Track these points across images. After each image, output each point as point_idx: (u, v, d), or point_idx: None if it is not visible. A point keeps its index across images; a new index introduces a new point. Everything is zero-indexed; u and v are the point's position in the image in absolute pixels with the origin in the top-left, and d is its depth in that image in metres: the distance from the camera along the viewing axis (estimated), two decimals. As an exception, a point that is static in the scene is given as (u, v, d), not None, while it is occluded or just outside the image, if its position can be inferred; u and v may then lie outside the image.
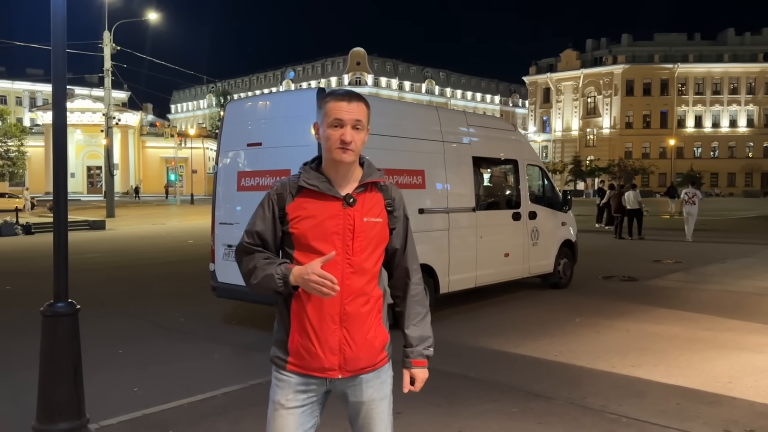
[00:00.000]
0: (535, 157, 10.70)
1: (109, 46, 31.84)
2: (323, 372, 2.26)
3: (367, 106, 2.30)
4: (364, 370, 2.31)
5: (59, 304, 3.92)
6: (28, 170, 59.99)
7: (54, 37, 3.96)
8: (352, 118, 2.23)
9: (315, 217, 2.24)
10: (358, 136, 2.25)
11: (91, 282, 11.18)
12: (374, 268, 2.32)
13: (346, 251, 2.23)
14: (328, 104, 2.26)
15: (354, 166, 2.32)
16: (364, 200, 2.29)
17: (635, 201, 19.85)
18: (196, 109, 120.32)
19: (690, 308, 8.72)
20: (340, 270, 2.22)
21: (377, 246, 2.32)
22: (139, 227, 26.19)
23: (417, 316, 2.43)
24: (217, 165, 7.92)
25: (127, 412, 4.79)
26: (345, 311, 2.24)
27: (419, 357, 2.41)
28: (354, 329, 2.25)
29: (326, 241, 2.22)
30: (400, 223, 2.40)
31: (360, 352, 2.27)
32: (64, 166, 4.09)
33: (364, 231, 2.26)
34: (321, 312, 2.22)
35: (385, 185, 2.39)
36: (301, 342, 2.26)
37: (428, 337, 2.44)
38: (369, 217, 2.29)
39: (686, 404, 4.93)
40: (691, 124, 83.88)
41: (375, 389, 2.35)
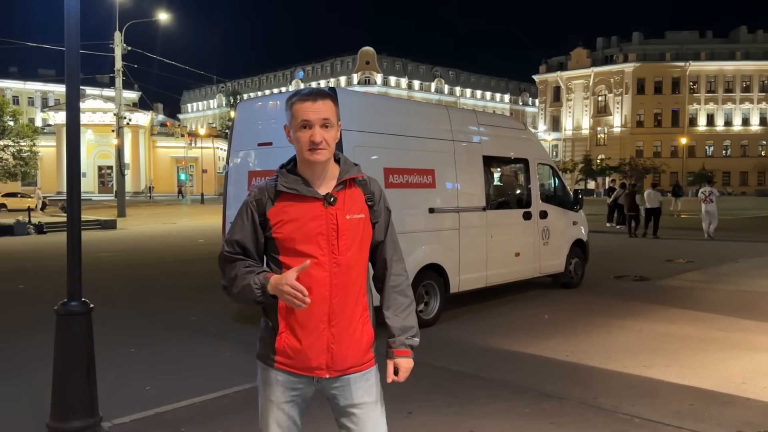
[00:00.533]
0: (546, 156, 10.65)
1: (120, 46, 32.03)
2: (311, 371, 2.28)
3: (335, 102, 2.28)
4: (350, 369, 2.31)
5: (73, 302, 3.94)
6: (40, 170, 60.50)
7: (68, 37, 3.98)
8: (318, 117, 2.21)
9: (297, 219, 2.23)
10: (328, 134, 2.23)
11: (102, 281, 11.24)
12: (361, 265, 2.32)
13: (332, 251, 2.23)
14: (294, 106, 2.24)
15: (329, 164, 2.29)
16: (344, 198, 2.29)
17: (656, 200, 19.95)
18: (206, 109, 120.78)
19: (703, 308, 8.65)
20: (327, 270, 2.22)
21: (362, 242, 2.32)
22: (150, 227, 26.33)
23: (399, 307, 2.41)
24: (228, 165, 7.95)
25: (139, 411, 4.81)
26: (333, 310, 2.24)
27: (402, 347, 2.38)
28: (342, 328, 2.26)
29: (311, 242, 2.21)
30: (382, 216, 2.40)
31: (348, 350, 2.28)
32: (78, 166, 4.12)
33: (348, 229, 2.26)
34: (310, 312, 2.20)
35: (364, 180, 2.38)
36: (288, 341, 2.26)
37: (411, 327, 2.41)
38: (351, 214, 2.28)
39: (699, 405, 4.89)
40: (703, 122, 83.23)
41: (365, 391, 2.34)
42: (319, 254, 2.22)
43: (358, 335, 2.30)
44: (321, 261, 2.22)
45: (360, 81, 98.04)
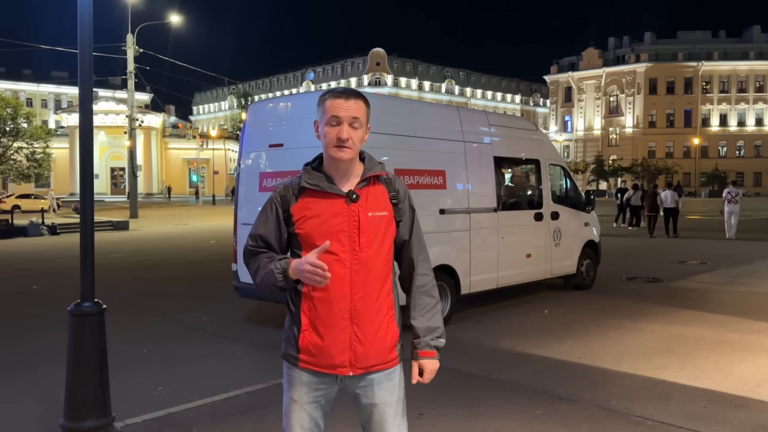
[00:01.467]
0: (557, 156, 10.61)
1: (132, 48, 32.27)
2: (334, 369, 2.28)
3: (366, 104, 2.30)
4: (374, 367, 2.31)
5: (86, 303, 3.97)
6: (54, 171, 61.00)
7: (81, 40, 4.01)
8: (349, 115, 2.23)
9: (320, 216, 2.25)
10: (356, 134, 2.25)
11: (115, 282, 11.32)
12: (383, 263, 2.31)
13: (353, 247, 2.24)
14: (326, 102, 2.27)
15: (354, 162, 2.31)
16: (367, 195, 2.30)
17: (673, 200, 20.53)
18: (217, 110, 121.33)
19: (716, 310, 8.58)
20: (348, 267, 2.24)
21: (384, 240, 2.31)
22: (162, 228, 26.49)
23: (424, 307, 2.40)
24: (239, 166, 7.98)
25: (151, 411, 4.84)
26: (355, 308, 2.25)
27: (427, 348, 2.38)
28: (364, 325, 2.26)
29: (332, 238, 2.22)
30: (407, 215, 2.40)
31: (370, 348, 2.28)
32: (91, 168, 4.15)
33: (370, 226, 2.27)
34: (331, 309, 2.23)
35: (388, 177, 2.38)
36: (311, 340, 2.27)
37: (436, 328, 2.41)
38: (374, 211, 2.29)
39: (713, 407, 4.85)
40: (716, 122, 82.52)
41: (387, 391, 2.34)
42: (340, 251, 2.23)
43: (382, 333, 2.30)
44: (342, 258, 2.23)
45: (370, 82, 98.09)
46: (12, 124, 32.79)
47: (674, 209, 20.61)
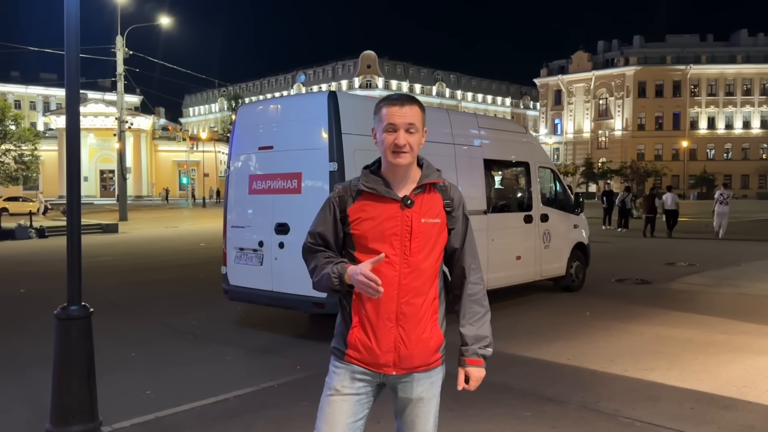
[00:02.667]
0: (547, 159, 10.65)
1: (121, 50, 32.09)
2: (378, 368, 2.35)
3: (421, 108, 2.37)
4: (417, 368, 2.38)
5: (73, 307, 3.95)
6: (42, 174, 60.55)
7: (67, 41, 3.99)
8: (404, 122, 2.31)
9: (374, 218, 2.33)
10: (412, 138, 2.32)
11: (104, 285, 11.25)
12: (432, 269, 2.37)
13: (404, 252, 2.31)
14: (382, 110, 2.35)
15: (411, 167, 2.38)
16: (422, 201, 2.36)
17: (673, 202, 21.48)
18: (207, 112, 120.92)
19: (704, 311, 8.64)
20: (397, 270, 2.30)
21: (434, 246, 2.37)
22: (151, 231, 26.35)
23: (474, 315, 2.47)
24: (229, 168, 7.95)
25: (140, 415, 4.80)
26: (401, 310, 2.31)
27: (474, 356, 2.45)
28: (410, 328, 2.33)
29: (385, 242, 2.30)
30: (459, 223, 2.45)
31: (414, 350, 2.34)
32: (78, 171, 4.12)
33: (422, 232, 2.33)
34: (378, 310, 2.31)
35: (444, 186, 2.44)
36: (359, 337, 2.35)
37: (485, 337, 2.48)
38: (427, 218, 2.35)
39: (701, 408, 4.88)
40: (704, 125, 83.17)
41: (425, 388, 2.41)
42: (391, 254, 2.30)
43: (426, 337, 2.36)
44: (392, 260, 2.30)
45: (361, 85, 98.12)
46: (0, 127, 32.53)
47: (674, 211, 21.48)
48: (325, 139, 6.76)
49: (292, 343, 7.32)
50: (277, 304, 7.53)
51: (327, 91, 7.32)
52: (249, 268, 7.41)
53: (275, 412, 4.92)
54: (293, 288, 6.94)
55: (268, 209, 7.24)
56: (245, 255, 7.46)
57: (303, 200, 6.91)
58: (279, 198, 7.16)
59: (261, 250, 7.27)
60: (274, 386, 5.56)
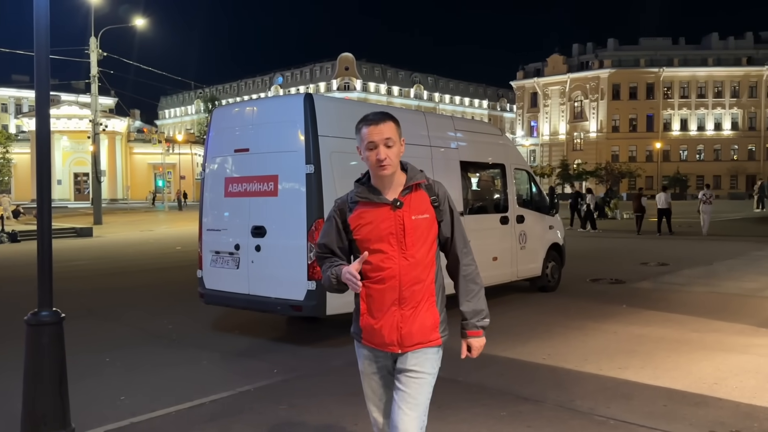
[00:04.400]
0: (523, 161, 10.75)
1: (95, 52, 31.66)
2: (385, 347, 2.71)
3: (395, 123, 2.70)
4: (417, 345, 2.71)
5: (43, 312, 3.89)
6: (15, 177, 59.43)
7: (37, 42, 3.93)
8: (382, 138, 2.64)
9: (372, 222, 2.68)
10: (391, 151, 2.65)
11: (78, 289, 11.08)
12: (427, 258, 2.71)
13: (401, 247, 2.66)
14: (362, 130, 2.68)
15: (396, 173, 2.71)
16: (410, 201, 2.70)
17: (666, 201, 22.44)
18: (184, 114, 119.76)
19: (676, 310, 8.78)
20: (397, 263, 2.66)
21: (427, 238, 2.71)
22: (126, 234, 26.02)
23: (470, 293, 2.84)
24: (204, 171, 7.89)
25: (113, 421, 4.75)
26: (403, 296, 2.67)
27: (473, 328, 2.83)
28: (409, 310, 2.68)
29: (383, 241, 2.66)
30: (447, 215, 2.79)
31: (413, 328, 2.68)
32: (48, 173, 4.06)
33: (414, 228, 2.68)
34: (383, 298, 2.67)
35: (429, 184, 2.77)
36: (367, 321, 2.72)
37: (482, 310, 2.86)
38: (417, 215, 2.69)
39: (673, 405, 4.96)
40: (677, 127, 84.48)
41: (419, 361, 2.71)
42: (390, 250, 2.66)
43: (422, 316, 2.70)
44: (392, 255, 2.66)
45: (339, 87, 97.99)
46: (-30, 129, 31.91)
47: (667, 210, 22.41)
48: (302, 142, 6.75)
49: (269, 346, 7.28)
50: (254, 308, 7.49)
51: (303, 93, 7.30)
52: (225, 271, 7.36)
53: (252, 416, 4.89)
54: (270, 291, 6.91)
55: (245, 212, 7.20)
56: (221, 258, 7.41)
57: (279, 203, 6.88)
58: (255, 201, 7.13)
59: (237, 254, 7.22)
60: (251, 390, 5.53)
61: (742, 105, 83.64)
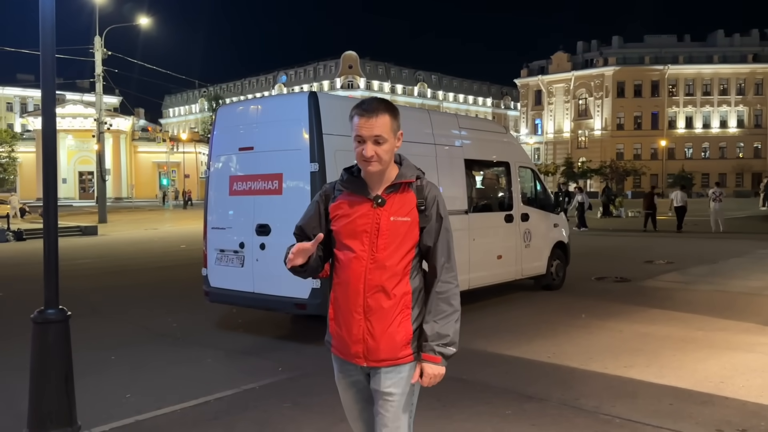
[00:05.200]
0: (527, 159, 10.73)
1: (100, 51, 31.72)
2: (351, 358, 2.47)
3: (392, 115, 2.42)
4: (385, 362, 2.44)
5: (50, 310, 3.90)
6: (20, 176, 59.66)
7: (43, 41, 3.94)
8: (371, 134, 2.38)
9: (349, 215, 2.45)
10: (380, 148, 2.39)
11: (83, 288, 11.12)
12: (398, 266, 2.43)
13: (372, 248, 2.41)
14: (353, 119, 2.44)
15: (389, 168, 2.47)
16: (393, 200, 2.45)
17: (682, 200, 23.06)
18: (188, 113, 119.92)
19: (682, 308, 8.75)
20: (364, 265, 2.42)
21: (402, 244, 2.43)
22: (131, 233, 26.08)
23: (439, 313, 2.47)
24: (209, 169, 7.90)
25: (119, 419, 4.76)
26: (368, 304, 2.41)
27: (431, 352, 2.45)
28: (375, 321, 2.41)
29: (356, 238, 2.43)
30: (432, 222, 2.49)
31: (380, 343, 2.41)
32: (54, 172, 4.07)
33: (389, 230, 2.42)
34: (347, 302, 2.44)
35: (420, 185, 2.50)
36: (334, 329, 2.52)
37: (445, 335, 2.46)
38: (396, 216, 2.43)
39: (679, 404, 4.94)
40: (682, 125, 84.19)
41: (393, 382, 2.45)
42: (359, 249, 2.42)
43: (392, 331, 2.42)
44: (360, 256, 2.41)
45: (343, 85, 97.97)
46: (-25, 128, 32.03)
47: (683, 207, 22.94)
48: (306, 140, 6.75)
49: (273, 344, 7.29)
50: (259, 306, 7.50)
51: (308, 91, 7.30)
52: (230, 269, 7.37)
53: (257, 414, 4.90)
54: (274, 289, 6.92)
55: (249, 210, 7.20)
56: (226, 256, 7.42)
57: (284, 201, 6.89)
58: (260, 199, 7.13)
59: (242, 252, 7.23)
60: (255, 388, 5.54)
61: (748, 102, 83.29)
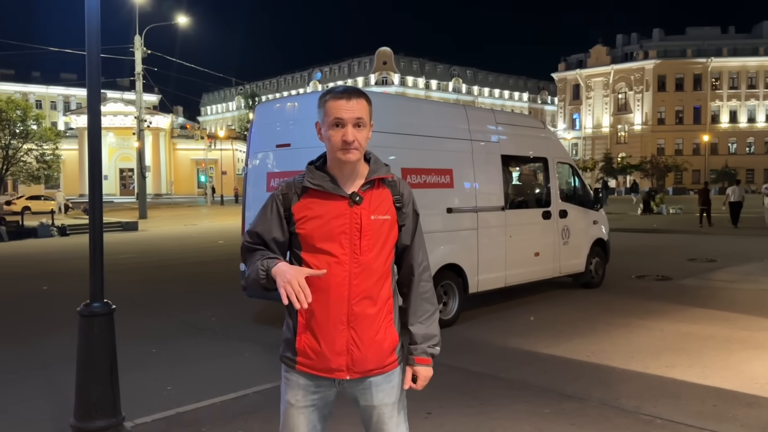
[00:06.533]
0: (566, 154, 10.57)
1: (140, 50, 32.40)
2: (331, 372, 2.24)
3: (368, 101, 2.25)
4: (372, 372, 2.27)
5: (95, 304, 3.99)
6: (63, 173, 61.30)
7: (89, 41, 4.03)
8: (352, 116, 2.18)
9: (321, 217, 2.21)
10: (361, 134, 2.20)
11: (124, 282, 11.38)
12: (383, 268, 2.27)
13: (354, 250, 2.20)
14: (327, 103, 2.22)
15: (359, 163, 2.27)
16: (371, 198, 2.25)
17: (739, 195, 23.11)
18: (225, 111, 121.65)
19: (726, 308, 8.53)
20: (347, 270, 2.20)
21: (385, 244, 2.27)
22: (170, 228, 26.59)
23: (424, 314, 2.36)
24: (247, 166, 8.00)
25: (160, 411, 4.86)
26: (353, 311, 2.21)
27: (423, 355, 2.34)
28: (362, 330, 2.22)
29: (333, 240, 2.19)
30: (410, 219, 2.35)
31: (368, 353, 2.24)
32: (99, 169, 4.17)
33: (372, 229, 2.22)
34: (328, 312, 2.20)
35: (393, 181, 2.34)
36: (307, 342, 2.25)
37: (434, 336, 2.36)
38: (376, 214, 2.24)
39: (723, 406, 4.82)
40: (726, 119, 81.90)
41: (386, 393, 2.32)
42: (340, 253, 2.19)
43: (380, 338, 2.26)
44: (341, 260, 2.19)
45: (377, 81, 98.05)
46: (22, 126, 32.93)
47: (739, 203, 22.87)
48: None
49: (310, 339, 7.34)
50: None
51: (343, 88, 7.32)
52: (267, 265, 7.43)
53: (294, 408, 4.94)
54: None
55: (286, 206, 7.26)
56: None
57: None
58: (297, 195, 7.18)
59: (279, 248, 7.29)
60: (293, 382, 5.59)
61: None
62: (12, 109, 32.41)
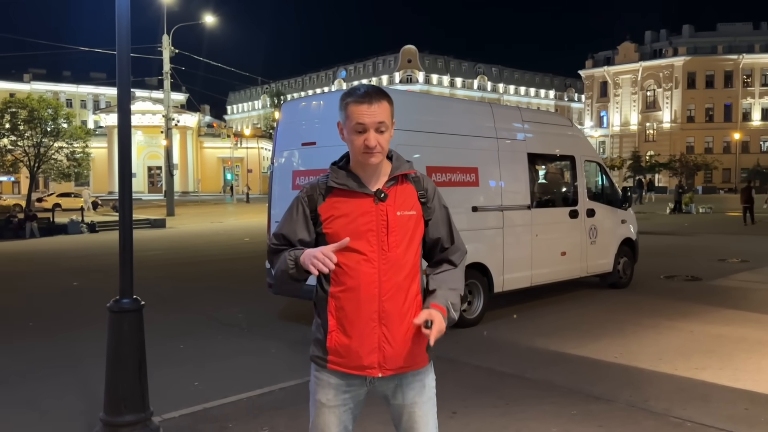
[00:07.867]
0: (593, 152, 10.44)
1: (168, 49, 32.82)
2: (362, 370, 2.24)
3: (389, 102, 2.24)
4: (403, 369, 2.27)
5: (125, 300, 4.05)
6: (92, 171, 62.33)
7: (119, 41, 4.08)
8: (374, 121, 2.18)
9: (347, 215, 2.23)
10: (383, 137, 2.21)
11: (152, 278, 11.53)
12: (411, 263, 2.27)
13: (382, 247, 2.21)
14: (349, 107, 2.21)
15: (382, 162, 2.28)
16: (395, 194, 2.27)
17: None
18: (251, 109, 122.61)
19: (758, 309, 8.34)
20: (377, 267, 2.21)
21: (412, 239, 2.28)
22: (197, 225, 26.90)
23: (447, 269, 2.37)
24: (273, 164, 8.05)
25: (188, 406, 4.92)
26: (384, 308, 2.21)
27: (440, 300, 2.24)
28: (393, 326, 2.22)
29: (361, 238, 2.20)
30: (437, 214, 2.35)
31: (399, 349, 2.23)
32: (129, 167, 4.23)
33: (399, 225, 2.24)
34: (359, 310, 2.21)
35: (416, 176, 2.35)
36: (339, 340, 2.25)
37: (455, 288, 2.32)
38: (402, 210, 2.26)
39: (755, 409, 4.72)
40: (758, 117, 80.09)
41: (417, 392, 2.32)
42: (368, 251, 2.21)
43: (411, 335, 2.24)
44: (370, 257, 2.20)
45: (402, 79, 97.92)
46: (53, 125, 33.51)
47: None
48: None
49: (335, 337, 7.37)
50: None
51: (369, 86, 7.32)
52: (293, 262, 7.47)
53: (319, 406, 4.95)
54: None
55: (312, 204, 7.29)
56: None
57: (346, 195, 6.93)
58: (322, 193, 7.20)
59: (304, 245, 7.32)
60: (318, 380, 5.61)
61: (830, 92, 78.49)
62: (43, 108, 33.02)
